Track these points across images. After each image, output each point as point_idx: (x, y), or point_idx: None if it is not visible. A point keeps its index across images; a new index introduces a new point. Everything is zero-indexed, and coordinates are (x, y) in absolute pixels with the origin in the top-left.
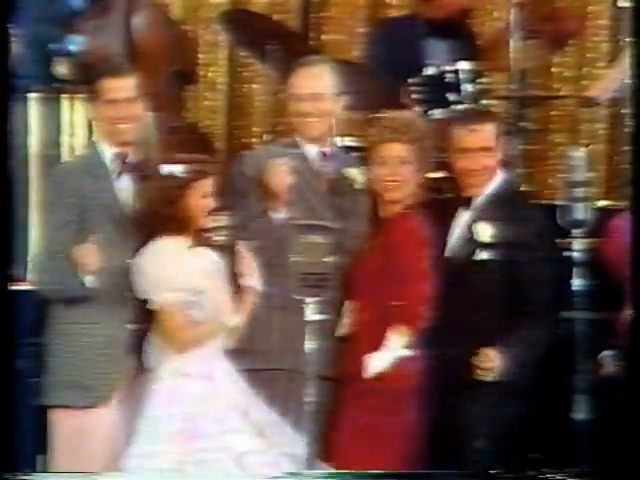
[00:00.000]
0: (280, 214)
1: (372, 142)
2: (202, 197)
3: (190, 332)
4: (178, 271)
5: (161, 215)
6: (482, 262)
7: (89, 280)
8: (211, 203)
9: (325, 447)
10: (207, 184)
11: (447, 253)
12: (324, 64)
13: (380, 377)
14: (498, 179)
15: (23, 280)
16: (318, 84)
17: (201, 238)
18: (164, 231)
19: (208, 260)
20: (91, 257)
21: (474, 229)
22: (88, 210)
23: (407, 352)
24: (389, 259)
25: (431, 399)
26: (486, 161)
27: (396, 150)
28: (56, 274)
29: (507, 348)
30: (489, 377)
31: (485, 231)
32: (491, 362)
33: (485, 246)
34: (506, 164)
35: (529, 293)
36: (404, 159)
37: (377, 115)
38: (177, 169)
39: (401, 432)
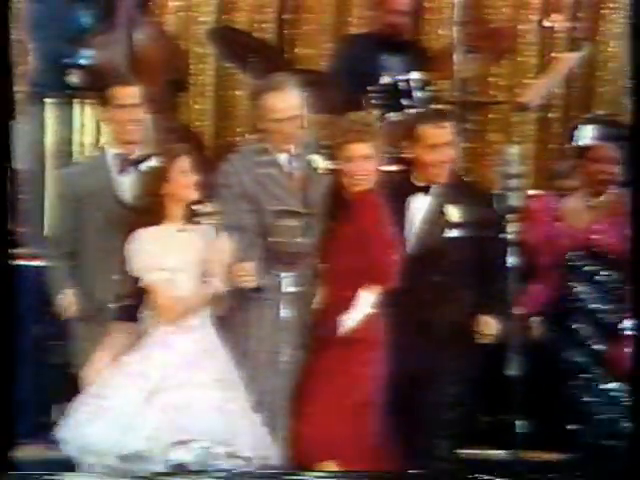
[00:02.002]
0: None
1: (339, 142)
2: (181, 173)
3: (175, 307)
4: (163, 254)
5: (151, 202)
6: (453, 238)
7: None
8: (193, 179)
9: (306, 389)
10: (183, 162)
11: (415, 230)
12: (293, 85)
13: (351, 333)
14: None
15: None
16: (290, 106)
17: (188, 218)
18: (155, 217)
19: (192, 243)
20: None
21: (445, 211)
22: (89, 207)
23: (374, 310)
24: (356, 231)
25: (397, 352)
26: (450, 153)
27: (360, 149)
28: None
29: (497, 314)
30: (489, 340)
31: (454, 212)
32: (490, 327)
33: (455, 225)
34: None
35: (492, 264)
36: (367, 156)
37: (343, 118)
38: (153, 162)
39: (370, 381)
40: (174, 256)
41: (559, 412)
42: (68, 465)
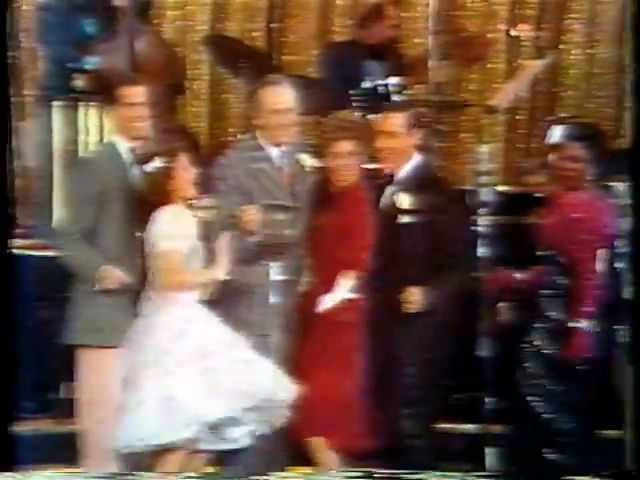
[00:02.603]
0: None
1: (327, 138)
2: (183, 169)
3: (180, 275)
4: (175, 227)
5: (158, 193)
6: (404, 225)
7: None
8: (192, 174)
9: (292, 369)
10: (184, 159)
11: (378, 218)
12: (287, 82)
13: (331, 312)
14: (415, 161)
15: (49, 248)
16: (285, 100)
17: (191, 207)
18: (164, 203)
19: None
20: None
21: (396, 199)
22: (106, 192)
23: (352, 294)
24: (341, 222)
25: (369, 329)
26: (394, 143)
27: (345, 146)
28: (77, 253)
29: (429, 287)
30: (413, 309)
31: (404, 200)
32: (414, 296)
33: (405, 212)
34: (423, 150)
35: (443, 248)
36: (352, 152)
37: (330, 117)
38: (157, 162)
39: (348, 354)
40: (186, 233)
41: (522, 389)
42: (72, 440)
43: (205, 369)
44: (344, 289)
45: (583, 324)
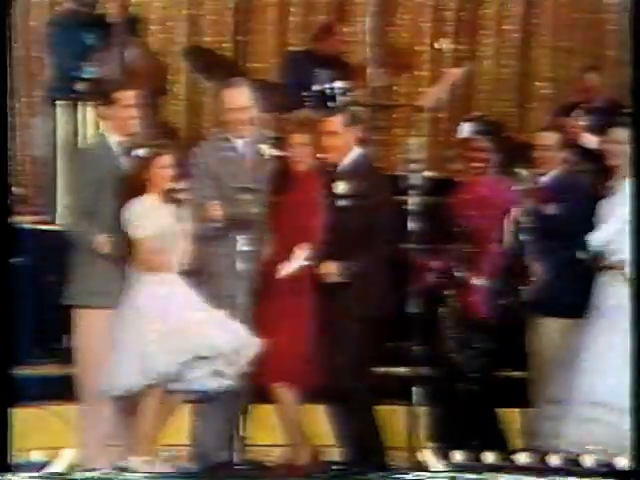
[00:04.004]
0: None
1: (286, 133)
2: (161, 168)
3: (156, 257)
4: (150, 215)
5: (137, 182)
6: (340, 207)
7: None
8: (170, 172)
9: (255, 325)
10: (165, 159)
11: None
12: (244, 84)
13: (288, 277)
14: (354, 153)
15: (54, 223)
16: (243, 99)
17: (167, 197)
18: (142, 192)
19: (169, 211)
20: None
21: (335, 186)
22: (100, 179)
23: (306, 262)
24: (296, 201)
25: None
26: (335, 140)
27: (300, 138)
28: (78, 227)
29: (351, 260)
30: (330, 280)
31: (340, 186)
32: (329, 269)
33: (341, 197)
34: (362, 143)
35: (372, 225)
36: (304, 144)
37: (290, 116)
38: (141, 151)
39: (302, 313)
40: (159, 220)
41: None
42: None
43: (174, 326)
44: (299, 258)
45: (483, 282)
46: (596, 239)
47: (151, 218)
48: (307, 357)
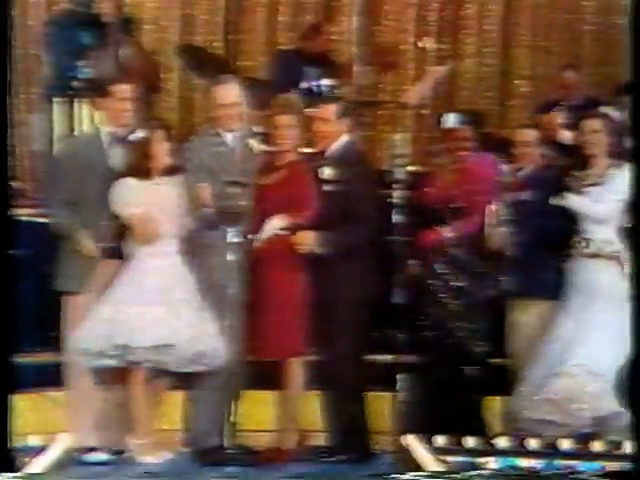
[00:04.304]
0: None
1: (271, 115)
2: (155, 151)
3: (149, 230)
4: (139, 194)
5: (132, 164)
6: (326, 192)
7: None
8: (165, 155)
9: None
10: (160, 133)
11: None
12: (234, 81)
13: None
14: (341, 141)
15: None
16: (233, 95)
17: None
18: (139, 174)
19: (159, 191)
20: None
21: (321, 171)
22: (86, 168)
23: (281, 231)
24: (284, 193)
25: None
26: (327, 127)
27: (285, 119)
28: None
29: (327, 234)
30: (304, 250)
31: (326, 172)
32: (304, 239)
33: (327, 182)
34: (350, 132)
35: (354, 209)
36: (290, 125)
37: (276, 99)
38: (139, 134)
39: (288, 295)
40: (149, 197)
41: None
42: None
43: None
44: (274, 226)
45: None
46: (584, 207)
47: (140, 195)
48: (296, 333)
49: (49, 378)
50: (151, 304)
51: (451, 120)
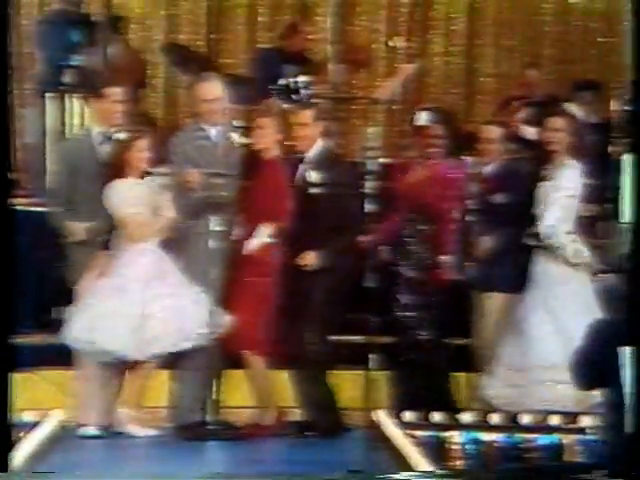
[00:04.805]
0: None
1: (253, 118)
2: (138, 152)
3: (139, 231)
4: (130, 196)
5: (118, 164)
6: (313, 195)
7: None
8: (147, 155)
9: (225, 297)
10: (142, 144)
11: (295, 190)
12: (216, 78)
13: (254, 254)
14: (319, 145)
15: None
16: (215, 91)
17: (144, 177)
18: (121, 174)
19: (148, 191)
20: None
21: (307, 175)
22: (79, 167)
23: (270, 239)
24: (263, 185)
25: (284, 271)
26: (304, 131)
27: (266, 122)
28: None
29: (325, 249)
30: (310, 268)
31: (313, 175)
32: (310, 260)
33: (314, 185)
34: (326, 136)
35: (342, 215)
36: (270, 126)
37: (260, 104)
38: (121, 135)
39: (267, 286)
40: (137, 198)
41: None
42: (63, 350)
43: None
44: (263, 235)
45: (445, 258)
46: (545, 224)
47: (132, 196)
48: (272, 328)
49: (45, 358)
50: (140, 296)
51: (423, 118)
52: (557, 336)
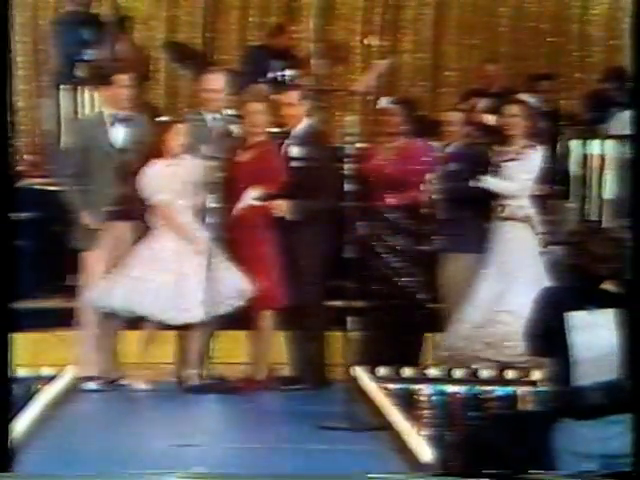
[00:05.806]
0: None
1: (245, 102)
2: (176, 135)
3: (174, 217)
4: (165, 180)
5: (155, 145)
6: (294, 167)
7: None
8: (183, 139)
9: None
10: (180, 128)
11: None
12: (220, 72)
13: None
14: (304, 123)
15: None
16: (219, 83)
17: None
18: (155, 157)
19: (181, 173)
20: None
21: (290, 150)
22: (90, 148)
23: (257, 202)
24: (255, 166)
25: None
26: (291, 110)
27: (256, 106)
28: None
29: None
30: (278, 214)
31: (294, 150)
32: (279, 206)
33: (295, 159)
34: (310, 115)
35: (319, 182)
36: (259, 111)
37: (249, 89)
38: (163, 118)
39: (263, 250)
40: (172, 177)
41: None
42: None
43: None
44: (250, 197)
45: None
46: (495, 185)
47: (167, 175)
48: (273, 284)
49: (57, 320)
50: (165, 271)
51: (383, 102)
52: (505, 297)
